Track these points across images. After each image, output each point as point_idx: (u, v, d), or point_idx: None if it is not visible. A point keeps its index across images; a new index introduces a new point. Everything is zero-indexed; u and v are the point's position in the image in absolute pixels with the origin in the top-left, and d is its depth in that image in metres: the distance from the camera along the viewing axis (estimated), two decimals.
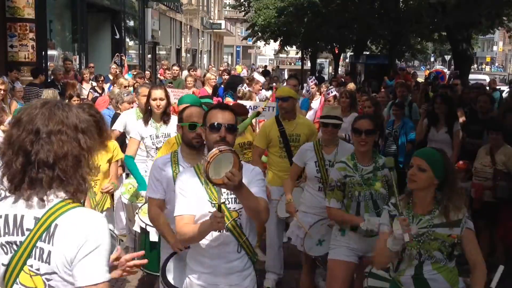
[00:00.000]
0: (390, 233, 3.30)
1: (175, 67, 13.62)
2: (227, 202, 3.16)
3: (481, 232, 6.17)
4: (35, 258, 2.03)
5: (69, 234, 2.01)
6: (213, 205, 3.12)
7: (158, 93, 5.62)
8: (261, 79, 12.71)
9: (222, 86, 12.10)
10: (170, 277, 3.64)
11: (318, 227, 4.88)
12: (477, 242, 3.42)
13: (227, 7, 59.40)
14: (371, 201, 4.30)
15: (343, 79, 17.65)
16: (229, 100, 9.68)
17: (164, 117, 5.67)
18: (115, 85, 11.35)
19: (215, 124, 3.14)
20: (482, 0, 14.40)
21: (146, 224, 4.53)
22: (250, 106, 7.85)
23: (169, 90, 9.52)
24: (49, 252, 2.01)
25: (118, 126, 6.80)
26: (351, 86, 12.85)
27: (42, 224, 2.03)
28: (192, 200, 3.15)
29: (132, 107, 7.85)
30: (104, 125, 4.90)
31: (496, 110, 7.97)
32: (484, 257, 3.46)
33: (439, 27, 20.70)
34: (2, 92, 8.47)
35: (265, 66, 42.41)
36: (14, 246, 2.05)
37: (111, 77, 13.16)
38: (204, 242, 3.16)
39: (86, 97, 11.32)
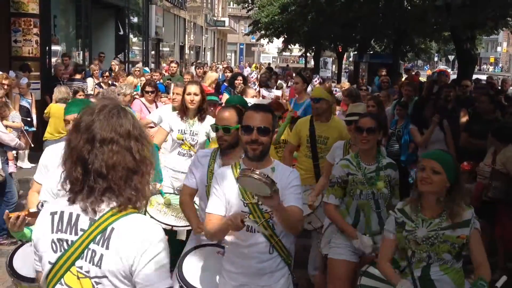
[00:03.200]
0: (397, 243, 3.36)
1: (174, 64, 13.67)
2: (259, 202, 3.13)
3: (481, 232, 6.17)
4: (85, 260, 2.01)
5: (127, 239, 2.00)
6: (245, 204, 3.17)
7: (193, 88, 5.61)
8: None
9: (225, 83, 12.11)
10: (186, 273, 3.62)
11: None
12: (482, 242, 3.43)
13: (231, 4, 59.31)
14: (373, 201, 4.30)
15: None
16: (225, 96, 9.71)
17: (200, 114, 5.65)
18: (119, 81, 11.39)
19: (248, 126, 3.19)
20: (487, 1, 14.35)
21: (151, 217, 4.44)
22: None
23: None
24: (101, 256, 1.99)
25: (153, 117, 6.87)
26: (346, 85, 12.86)
27: (98, 226, 2.02)
28: (223, 201, 3.20)
29: (127, 103, 7.84)
30: None
31: (499, 112, 7.93)
32: None
33: (443, 27, 20.64)
34: (5, 87, 8.47)
35: (269, 64, 42.43)
36: (65, 245, 2.04)
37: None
38: (236, 241, 3.20)
39: (92, 92, 11.38)
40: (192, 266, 3.67)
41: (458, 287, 3.37)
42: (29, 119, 10.12)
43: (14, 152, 9.26)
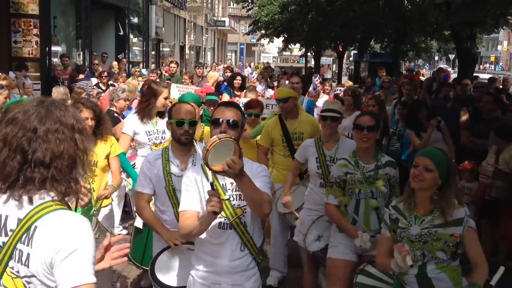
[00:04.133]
0: (393, 239, 3.36)
1: (173, 64, 13.67)
2: (231, 198, 3.15)
3: (483, 231, 6.16)
4: (15, 261, 1.98)
5: (47, 237, 1.95)
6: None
7: (167, 92, 5.80)
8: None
9: (225, 83, 12.13)
10: (159, 274, 3.62)
11: (321, 223, 4.88)
12: (479, 241, 3.42)
13: (231, 3, 59.33)
14: (372, 199, 4.30)
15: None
16: (226, 97, 9.71)
17: (161, 114, 5.74)
18: (118, 82, 11.39)
19: (218, 120, 3.17)
20: None
21: None
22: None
23: (174, 86, 9.61)
24: (28, 255, 1.96)
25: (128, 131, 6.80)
26: (349, 84, 12.84)
27: (23, 225, 1.98)
28: (197, 197, 3.16)
29: (128, 104, 7.83)
30: (104, 118, 4.85)
31: (499, 111, 7.90)
32: (487, 257, 3.46)
33: (443, 25, 20.64)
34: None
35: (267, 63, 42.46)
36: None
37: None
38: (206, 239, 3.16)
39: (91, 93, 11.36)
40: (164, 266, 3.67)
41: (455, 285, 3.37)
42: None
43: None
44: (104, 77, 12.22)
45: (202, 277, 3.24)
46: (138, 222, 4.84)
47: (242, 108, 7.14)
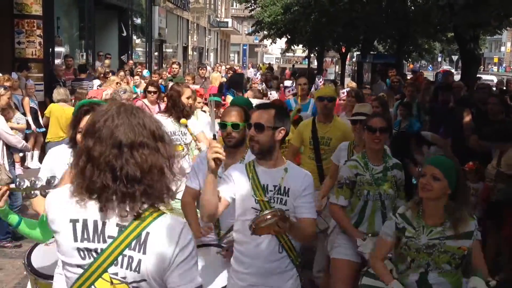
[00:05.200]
0: (394, 246, 3.38)
1: (175, 65, 13.67)
2: (271, 200, 3.18)
3: (489, 232, 6.13)
4: (121, 267, 2.00)
5: (163, 242, 1.99)
6: (256, 201, 3.17)
7: (190, 92, 5.80)
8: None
9: (228, 84, 12.14)
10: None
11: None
12: (483, 251, 3.47)
13: (234, 4, 59.36)
14: (380, 201, 4.28)
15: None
16: (229, 98, 9.69)
17: (186, 116, 5.75)
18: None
19: (249, 123, 3.28)
20: (490, 0, 14.29)
21: None
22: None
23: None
24: (139, 261, 1.99)
25: None
26: (353, 85, 12.80)
27: (130, 232, 2.00)
28: (232, 189, 3.20)
29: None
30: None
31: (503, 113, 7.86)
32: (492, 257, 3.48)
33: (446, 27, 20.60)
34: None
35: (269, 64, 42.50)
36: (93, 253, 2.01)
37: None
38: (245, 240, 3.20)
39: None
40: (200, 265, 3.64)
41: None
42: (37, 120, 10.18)
43: (20, 154, 9.28)
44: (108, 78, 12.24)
45: (241, 279, 3.27)
46: None
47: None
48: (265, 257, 3.19)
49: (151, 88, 8.54)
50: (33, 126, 9.93)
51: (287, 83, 12.65)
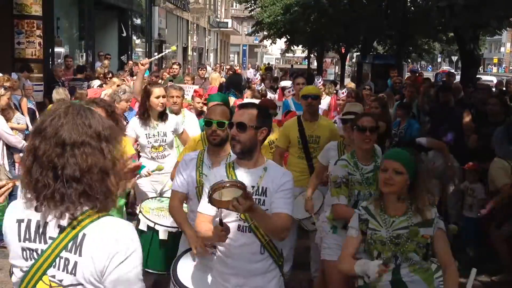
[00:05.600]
0: (361, 240, 3.35)
1: (175, 66, 13.68)
2: (238, 213, 3.11)
3: (509, 240, 6.12)
4: (58, 269, 1.96)
5: (99, 244, 1.94)
6: None
7: (160, 91, 5.69)
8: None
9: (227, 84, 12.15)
10: (181, 276, 3.60)
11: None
12: (448, 242, 3.42)
13: (234, 5, 59.40)
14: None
15: None
16: (231, 99, 9.70)
17: (162, 116, 5.75)
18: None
19: (231, 122, 3.25)
20: (491, 1, 14.29)
21: (155, 223, 4.49)
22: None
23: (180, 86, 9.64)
24: (75, 263, 1.94)
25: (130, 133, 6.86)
26: (352, 85, 12.81)
27: (68, 233, 1.96)
28: None
29: (128, 106, 7.83)
30: (118, 119, 4.86)
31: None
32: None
33: (446, 27, 20.61)
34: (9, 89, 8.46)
35: (268, 63, 42.60)
36: (35, 254, 1.98)
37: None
38: (227, 242, 3.14)
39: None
40: (186, 268, 3.66)
41: (428, 286, 3.35)
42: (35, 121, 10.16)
43: (21, 154, 9.27)
44: (108, 79, 12.23)
45: (225, 279, 3.26)
46: (143, 225, 4.79)
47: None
48: (248, 258, 3.18)
49: None
50: (30, 127, 9.93)
51: (286, 83, 12.65)
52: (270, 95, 11.21)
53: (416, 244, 3.29)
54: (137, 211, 5.02)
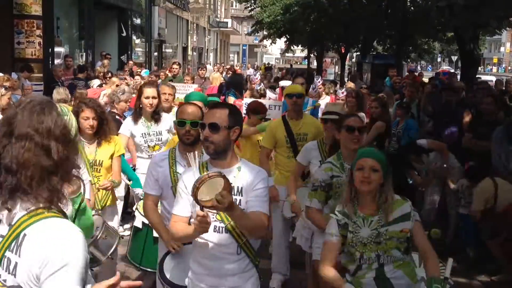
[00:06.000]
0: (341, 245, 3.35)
1: (175, 65, 13.70)
2: (214, 211, 3.05)
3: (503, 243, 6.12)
4: (3, 269, 1.88)
5: (36, 246, 1.82)
6: None
7: (151, 91, 5.72)
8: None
9: (227, 85, 12.17)
10: (168, 274, 3.60)
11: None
12: (424, 232, 3.46)
13: (234, 5, 59.41)
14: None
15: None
16: (231, 99, 9.73)
17: (155, 116, 5.77)
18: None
19: (203, 123, 3.17)
20: (490, 1, 14.30)
21: None
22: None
23: (174, 85, 9.66)
24: (16, 264, 1.85)
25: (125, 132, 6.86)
26: (351, 85, 12.80)
27: (12, 232, 1.87)
28: (189, 203, 3.12)
29: (128, 106, 7.84)
30: (107, 119, 4.88)
31: (502, 113, 7.87)
32: None
33: (446, 27, 20.62)
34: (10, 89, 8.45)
35: (268, 63, 42.65)
36: None
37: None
38: (203, 243, 3.13)
39: None
40: (173, 265, 3.66)
41: (411, 280, 3.35)
42: None
43: None
44: (108, 78, 12.23)
45: (200, 280, 3.22)
46: (138, 222, 4.82)
47: (244, 110, 7.15)
48: (224, 258, 3.14)
49: None
50: None
51: (286, 83, 12.65)
52: (271, 95, 11.20)
53: (397, 240, 3.28)
54: (134, 208, 5.05)
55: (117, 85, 9.91)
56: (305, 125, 5.78)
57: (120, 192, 6.74)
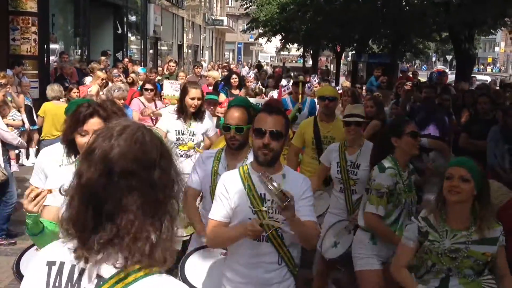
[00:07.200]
0: (417, 251, 3.25)
1: (172, 63, 13.69)
2: (269, 210, 3.00)
3: None
4: None
5: None
6: (254, 212, 3.01)
7: (196, 93, 5.60)
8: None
9: (222, 82, 12.15)
10: (189, 275, 3.51)
11: (338, 228, 4.82)
12: (505, 255, 3.30)
13: (230, 2, 59.38)
14: (409, 209, 4.18)
15: None
16: (222, 96, 9.71)
17: (196, 116, 5.65)
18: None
19: (260, 129, 3.05)
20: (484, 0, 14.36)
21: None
22: (258, 103, 7.90)
23: (167, 82, 9.66)
24: None
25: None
26: (347, 84, 12.84)
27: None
28: (228, 207, 3.06)
29: (123, 104, 7.80)
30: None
31: (500, 112, 7.90)
32: None
33: (442, 26, 20.67)
34: (5, 85, 8.44)
35: (258, 61, 42.77)
36: None
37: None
38: (242, 251, 3.08)
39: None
40: (194, 267, 3.60)
41: None
42: (32, 117, 10.16)
43: (16, 151, 9.25)
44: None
45: None
46: None
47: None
48: (264, 267, 3.07)
49: (148, 86, 8.54)
50: (26, 124, 9.90)
51: (283, 82, 12.68)
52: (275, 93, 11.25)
53: (474, 261, 3.16)
54: None
55: (102, 79, 9.85)
56: (335, 129, 5.73)
57: None
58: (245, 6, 34.91)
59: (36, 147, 10.29)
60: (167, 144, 1.74)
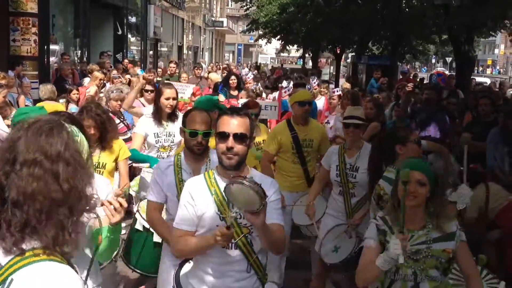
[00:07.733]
0: (380, 251, 3.08)
1: (172, 64, 13.70)
2: (238, 216, 2.81)
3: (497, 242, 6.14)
4: None
5: None
6: (221, 218, 2.87)
7: (171, 93, 5.58)
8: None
9: (221, 84, 12.17)
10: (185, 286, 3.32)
11: (337, 232, 4.82)
12: (470, 253, 3.24)
13: (230, 4, 59.40)
14: None
15: None
16: (220, 97, 9.72)
17: (172, 116, 5.65)
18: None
19: (223, 132, 2.88)
20: (487, 1, 14.35)
21: None
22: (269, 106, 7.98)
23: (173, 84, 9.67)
24: None
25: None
26: (347, 85, 12.81)
27: (1, 274, 1.61)
28: (193, 215, 2.92)
29: (120, 105, 7.79)
30: (110, 126, 4.81)
31: (501, 114, 7.91)
32: None
33: (441, 28, 20.68)
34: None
35: (256, 62, 42.81)
36: None
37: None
38: (209, 259, 2.93)
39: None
40: (188, 277, 3.41)
41: None
42: None
43: None
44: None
45: None
46: (139, 225, 4.75)
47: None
48: (233, 276, 2.92)
49: (148, 87, 8.53)
50: None
51: (286, 83, 12.67)
52: (270, 95, 11.26)
53: (436, 259, 3.10)
54: (135, 210, 4.99)
55: (100, 80, 9.85)
56: (312, 131, 5.69)
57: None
58: (245, 8, 34.95)
59: None
60: (81, 141, 1.91)
